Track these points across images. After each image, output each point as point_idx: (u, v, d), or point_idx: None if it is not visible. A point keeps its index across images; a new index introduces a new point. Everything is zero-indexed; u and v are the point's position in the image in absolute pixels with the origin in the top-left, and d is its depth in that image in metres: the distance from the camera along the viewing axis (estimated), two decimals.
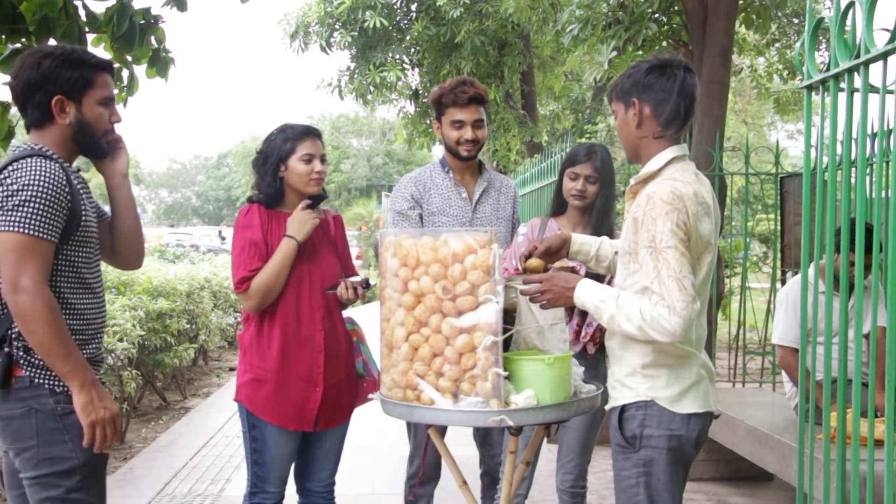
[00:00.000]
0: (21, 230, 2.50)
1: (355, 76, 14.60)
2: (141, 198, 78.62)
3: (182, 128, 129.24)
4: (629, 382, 2.77)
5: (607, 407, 2.88)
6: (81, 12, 4.09)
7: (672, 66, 2.77)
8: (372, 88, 14.15)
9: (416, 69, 15.12)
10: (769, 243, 16.11)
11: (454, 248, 2.72)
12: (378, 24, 13.38)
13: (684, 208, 2.60)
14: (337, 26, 14.15)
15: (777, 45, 13.03)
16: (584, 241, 3.20)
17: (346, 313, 3.83)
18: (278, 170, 3.61)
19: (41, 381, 2.62)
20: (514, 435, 2.89)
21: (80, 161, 2.87)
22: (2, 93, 4.48)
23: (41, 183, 2.53)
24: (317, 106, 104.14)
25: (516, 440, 2.93)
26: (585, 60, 9.32)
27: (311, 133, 3.64)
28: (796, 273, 6.59)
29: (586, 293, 2.75)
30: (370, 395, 3.30)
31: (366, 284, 3.61)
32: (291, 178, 3.61)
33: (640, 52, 7.67)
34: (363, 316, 4.47)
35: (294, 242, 3.54)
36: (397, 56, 14.17)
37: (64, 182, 2.61)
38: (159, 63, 4.53)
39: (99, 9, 4.14)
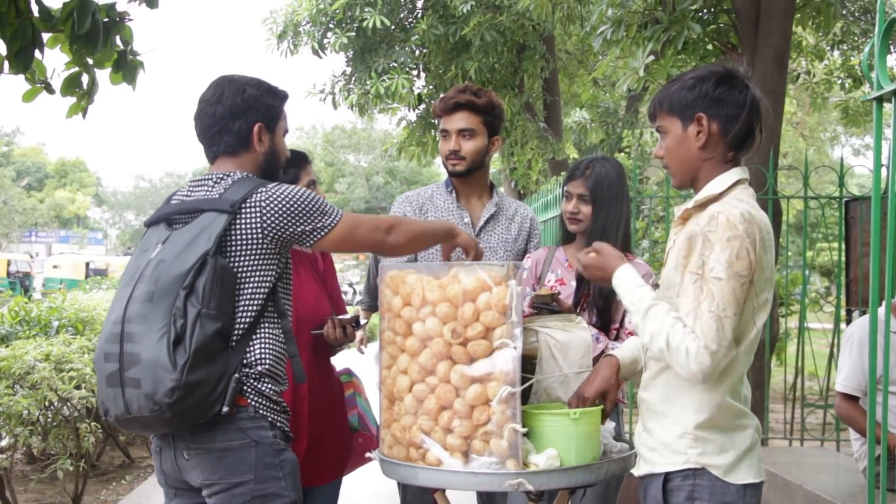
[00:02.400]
0: (340, 213, 3.00)
1: (353, 84, 14.63)
2: (103, 221, 78.96)
3: (151, 142, 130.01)
4: (677, 446, 2.70)
5: (640, 473, 2.82)
6: (34, 7, 4.09)
7: (740, 77, 2.75)
8: (375, 97, 14.14)
9: (423, 74, 15.17)
10: (832, 277, 16.07)
11: (465, 284, 2.72)
12: (378, 24, 13.43)
13: (753, 236, 2.57)
14: (331, 25, 14.21)
15: (842, 47, 13.01)
16: (630, 358, 3.08)
17: (344, 363, 3.86)
18: None
19: (264, 412, 2.86)
20: (535, 501, 2.87)
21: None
22: None
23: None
24: (307, 116, 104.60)
25: None
26: (619, 66, 9.33)
27: (308, 159, 3.80)
28: (864, 312, 6.56)
29: (622, 284, 2.80)
30: (368, 454, 3.30)
31: (356, 323, 3.65)
32: None
33: (682, 57, 7.68)
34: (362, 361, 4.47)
35: None
36: (401, 59, 14.19)
37: None
38: (125, 67, 4.56)
39: (55, 4, 4.16)
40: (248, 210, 2.85)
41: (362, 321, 3.70)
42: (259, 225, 2.84)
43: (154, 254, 2.81)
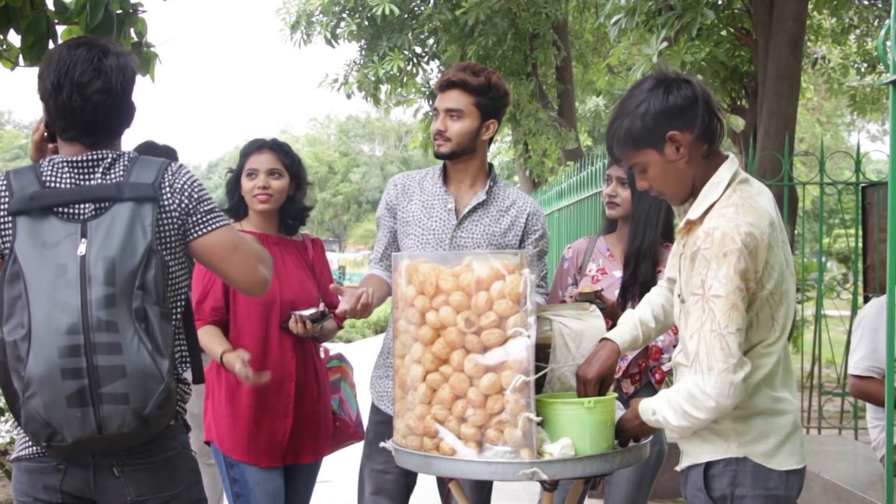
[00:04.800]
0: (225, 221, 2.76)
1: (358, 69, 14.61)
2: None
3: (166, 133, 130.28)
4: (717, 436, 2.67)
5: (681, 466, 2.80)
6: (49, 1, 4.12)
7: (672, 77, 2.68)
8: (375, 82, 14.10)
9: (434, 61, 15.12)
10: (849, 264, 16.01)
11: (479, 273, 2.71)
12: (388, 11, 13.38)
13: (753, 244, 2.52)
14: (343, 15, 14.20)
15: (856, 32, 12.97)
16: (630, 339, 3.02)
17: (338, 349, 4.01)
18: (239, 186, 3.95)
19: (183, 416, 2.75)
20: (549, 491, 2.87)
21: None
22: None
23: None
24: (322, 106, 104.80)
25: (551, 497, 2.91)
26: (633, 52, 9.29)
27: (259, 146, 3.95)
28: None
29: (646, 413, 2.74)
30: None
31: (318, 317, 3.76)
32: (244, 195, 3.93)
33: (696, 43, 7.64)
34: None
35: (217, 355, 3.75)
36: (407, 46, 14.13)
37: None
38: (141, 59, 4.56)
39: None
40: (165, 193, 2.61)
41: (326, 315, 3.81)
42: (178, 209, 2.63)
43: (82, 250, 2.48)
